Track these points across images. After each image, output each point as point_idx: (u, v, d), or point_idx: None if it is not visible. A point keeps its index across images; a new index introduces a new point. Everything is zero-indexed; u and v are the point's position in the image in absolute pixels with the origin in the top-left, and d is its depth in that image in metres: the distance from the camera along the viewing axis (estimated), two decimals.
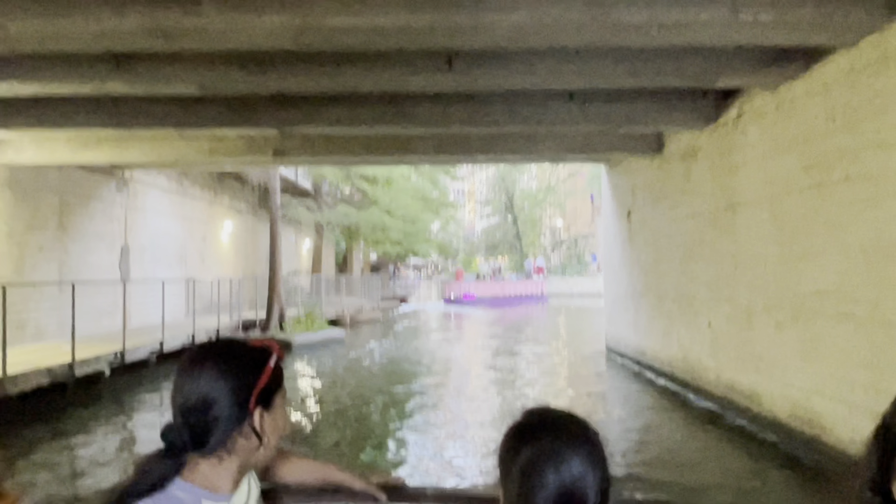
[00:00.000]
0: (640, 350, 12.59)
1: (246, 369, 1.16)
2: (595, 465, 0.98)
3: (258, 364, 1.18)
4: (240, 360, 1.17)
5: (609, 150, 11.15)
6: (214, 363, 1.15)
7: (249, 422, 1.15)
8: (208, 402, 1.12)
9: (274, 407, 1.20)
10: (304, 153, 11.11)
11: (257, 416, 1.15)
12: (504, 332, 21.71)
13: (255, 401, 1.15)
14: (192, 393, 1.12)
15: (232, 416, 1.13)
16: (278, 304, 17.47)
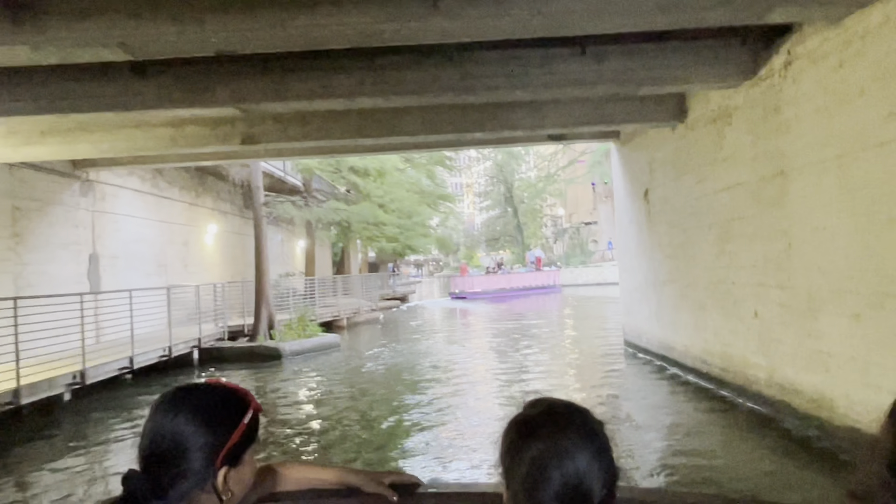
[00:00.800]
0: (665, 345, 11.17)
1: (219, 425, 1.12)
2: (600, 458, 0.97)
3: (232, 420, 1.14)
4: (214, 414, 1.12)
5: (624, 120, 9.70)
6: (186, 414, 1.10)
7: (212, 480, 1.10)
8: (175, 455, 1.08)
9: (242, 463, 1.15)
10: (277, 138, 9.67)
11: (221, 475, 1.11)
12: (512, 328, 20.29)
13: (221, 460, 1.11)
14: (160, 443, 1.09)
15: (197, 473, 1.09)
16: (266, 310, 16.05)
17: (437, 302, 36.92)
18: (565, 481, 0.94)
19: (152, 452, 1.09)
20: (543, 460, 0.95)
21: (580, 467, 0.95)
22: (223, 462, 1.11)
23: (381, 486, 1.41)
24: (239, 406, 1.16)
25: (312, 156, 13.56)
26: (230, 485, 1.13)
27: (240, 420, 1.14)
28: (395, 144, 12.39)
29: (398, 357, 14.80)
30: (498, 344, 16.76)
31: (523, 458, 0.97)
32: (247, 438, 1.16)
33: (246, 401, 1.18)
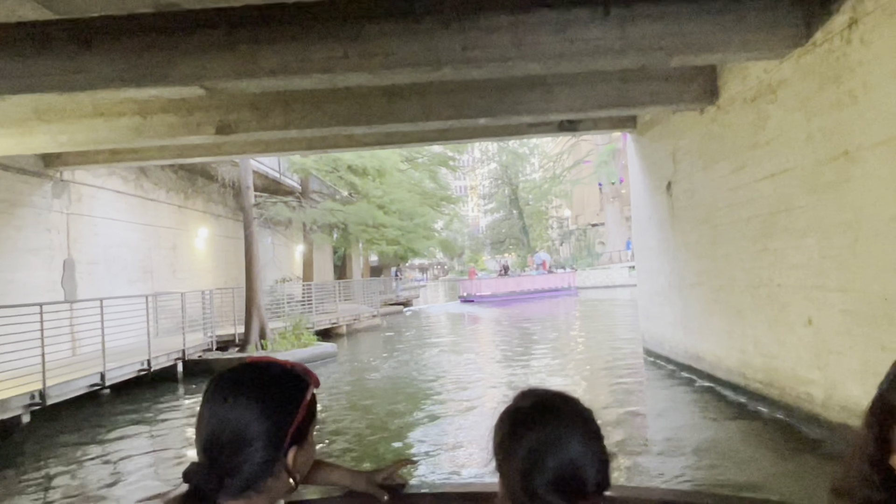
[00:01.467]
0: (692, 354, 9.99)
1: (282, 406, 1.06)
2: (592, 444, 0.99)
3: (295, 399, 1.08)
4: (275, 395, 1.06)
5: (647, 102, 8.54)
6: (247, 398, 1.03)
7: (283, 463, 1.05)
8: (240, 443, 1.02)
9: (308, 441, 1.11)
10: (256, 127, 8.55)
11: (291, 455, 1.06)
12: (521, 335, 19.12)
13: (289, 441, 1.06)
14: (222, 431, 1.01)
15: (266, 458, 1.03)
16: (258, 318, 14.94)
17: (442, 306, 35.75)
18: (560, 469, 0.96)
19: (213, 443, 1.02)
20: (538, 450, 0.97)
21: (574, 455, 0.97)
22: (291, 442, 1.06)
23: (371, 486, 1.46)
24: (299, 383, 1.10)
25: (300, 151, 12.43)
26: (298, 464, 1.08)
27: (302, 398, 1.09)
28: (391, 135, 11.28)
29: (399, 369, 13.65)
30: (505, 353, 15.59)
31: (518, 449, 0.99)
32: (310, 415, 1.11)
33: (305, 378, 1.12)
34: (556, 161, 51.67)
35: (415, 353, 15.77)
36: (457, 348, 16.93)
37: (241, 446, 1.02)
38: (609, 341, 16.03)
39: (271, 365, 1.12)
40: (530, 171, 62.77)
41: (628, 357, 12.97)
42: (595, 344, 16.02)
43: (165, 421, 10.08)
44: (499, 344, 17.70)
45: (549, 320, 23.41)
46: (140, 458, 8.23)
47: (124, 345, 12.03)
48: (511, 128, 11.70)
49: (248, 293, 15.00)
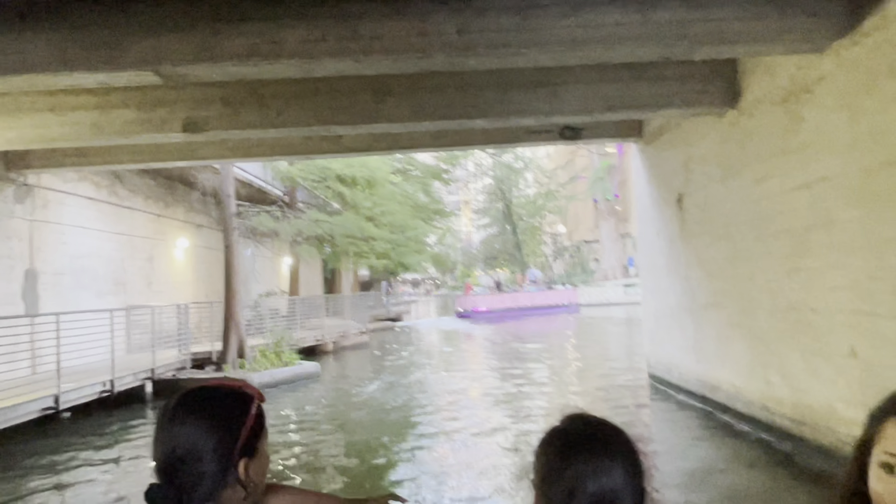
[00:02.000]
0: (706, 383, 9.10)
1: (229, 422, 1.14)
2: (634, 477, 1.01)
3: (240, 414, 1.16)
4: (221, 412, 1.14)
5: (661, 105, 7.69)
6: (196, 417, 1.12)
7: (235, 474, 1.12)
8: (193, 459, 1.10)
9: (259, 453, 1.18)
10: (228, 125, 7.66)
11: (242, 466, 1.13)
12: (516, 355, 18.18)
13: (238, 453, 1.13)
14: (175, 450, 1.10)
15: (218, 471, 1.11)
16: (237, 334, 13.97)
17: (433, 322, 34.78)
18: (600, 495, 0.99)
19: (168, 462, 1.10)
20: (583, 474, 0.99)
21: (616, 484, 0.99)
22: (241, 454, 1.12)
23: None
24: (244, 400, 1.17)
25: (283, 156, 11.54)
26: (251, 475, 1.14)
27: (247, 413, 1.16)
28: (380, 138, 10.45)
29: (386, 392, 12.68)
30: (498, 377, 14.64)
31: (565, 470, 1.01)
32: (258, 428, 1.18)
33: (248, 394, 1.19)
34: (550, 176, 50.99)
35: (403, 374, 14.80)
36: (448, 369, 15.97)
37: (194, 462, 1.09)
38: (609, 364, 15.11)
39: (217, 386, 1.19)
40: (524, 187, 62.10)
41: (631, 383, 12.05)
42: (594, 366, 15.09)
43: (127, 447, 9.09)
44: (492, 366, 16.75)
45: (546, 339, 22.48)
46: (87, 487, 7.25)
47: (91, 363, 11.06)
48: (509, 133, 10.89)
49: (227, 308, 14.04)
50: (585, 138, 11.18)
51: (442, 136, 10.87)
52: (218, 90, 7.53)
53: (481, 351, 20.30)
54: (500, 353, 18.82)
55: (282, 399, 11.93)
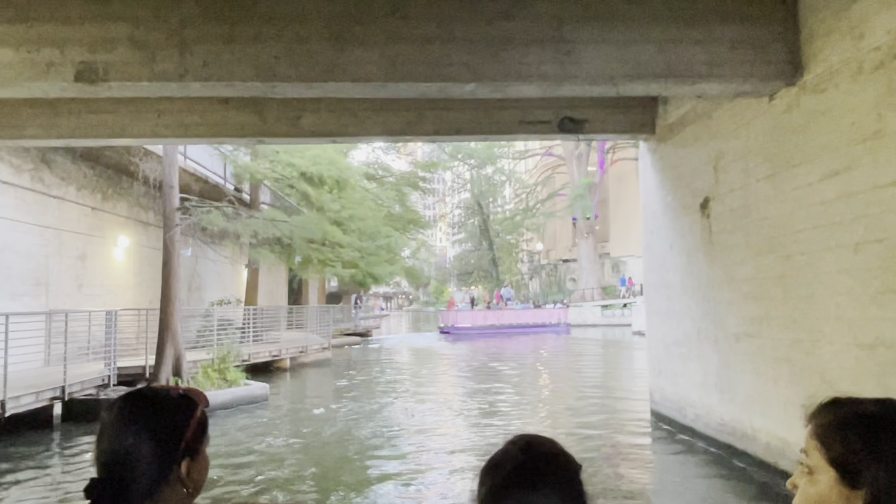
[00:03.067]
0: (734, 430, 7.32)
1: (173, 423, 1.16)
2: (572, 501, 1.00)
3: (184, 416, 1.18)
4: (166, 413, 1.16)
5: (702, 75, 5.94)
6: (140, 417, 1.14)
7: (177, 473, 1.14)
8: (136, 457, 1.11)
9: (200, 455, 1.20)
10: (138, 75, 5.73)
11: (184, 467, 1.15)
12: (497, 380, 16.30)
13: (181, 454, 1.15)
14: (120, 448, 1.11)
15: (159, 470, 1.12)
16: (173, 348, 11.92)
17: (405, 339, 32.78)
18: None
19: (112, 459, 1.11)
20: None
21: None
22: (183, 455, 1.15)
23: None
24: (188, 403, 1.20)
25: (226, 138, 9.59)
26: (193, 476, 1.16)
27: (191, 415, 1.18)
28: (343, 122, 8.62)
29: (343, 422, 10.71)
30: (475, 409, 12.73)
31: (503, 501, 0.99)
32: (201, 431, 1.20)
33: (193, 398, 1.22)
34: (530, 192, 49.48)
35: (364, 400, 12.82)
36: (417, 395, 14.02)
37: (137, 460, 1.10)
38: (599, 394, 13.30)
39: (159, 389, 1.22)
40: (502, 203, 60.59)
41: (629, 422, 10.25)
42: (580, 395, 13.27)
43: (19, 486, 7.04)
44: (469, 392, 14.83)
45: (529, 361, 20.65)
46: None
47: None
48: (501, 123, 9.18)
49: (163, 316, 11.99)
50: (588, 132, 9.49)
51: (420, 122, 9.12)
52: (126, 26, 5.62)
53: (454, 374, 18.38)
54: (477, 377, 16.92)
55: (214, 428, 9.89)
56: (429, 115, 9.20)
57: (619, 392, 13.40)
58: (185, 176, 15.87)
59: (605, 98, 9.20)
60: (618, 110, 9.41)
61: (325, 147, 16.04)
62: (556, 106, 9.21)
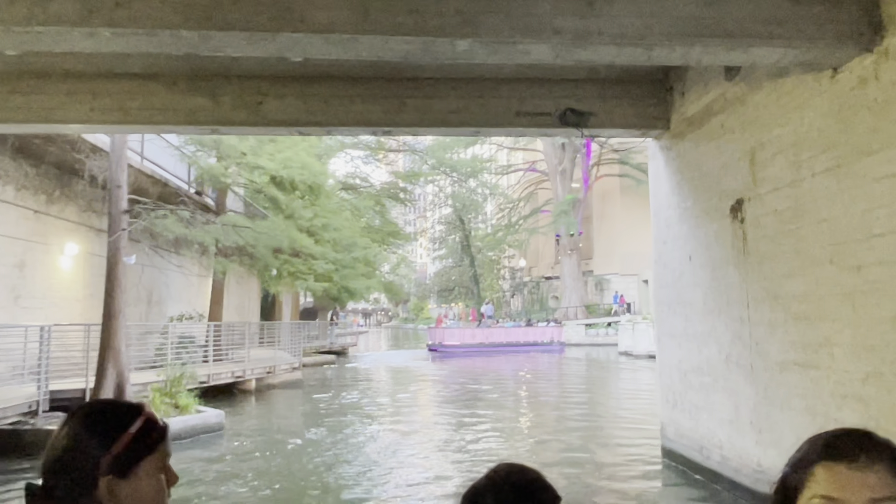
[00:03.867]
0: (771, 473, 5.96)
1: (101, 435, 1.07)
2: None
3: (116, 429, 1.08)
4: (97, 424, 1.08)
5: (760, 36, 4.68)
6: (74, 425, 1.08)
7: (95, 492, 1.05)
8: (65, 465, 1.06)
9: (135, 476, 1.08)
10: (24, 18, 4.33)
11: (103, 484, 1.05)
12: (488, 405, 14.87)
13: (104, 469, 1.05)
14: (51, 454, 1.07)
15: (83, 482, 1.05)
16: (115, 368, 10.38)
17: (383, 357, 31.21)
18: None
19: (45, 464, 1.08)
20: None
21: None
22: (107, 471, 1.06)
23: None
24: (125, 415, 1.11)
25: (172, 126, 8.20)
26: (120, 497, 1.07)
27: (124, 429, 1.09)
28: (311, 107, 7.31)
29: (306, 458, 9.22)
30: (459, 437, 11.28)
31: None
32: (137, 448, 1.09)
33: (135, 410, 1.12)
34: (513, 207, 48.31)
35: (337, 431, 11.32)
36: (395, 424, 12.54)
37: (66, 467, 1.05)
38: (598, 425, 11.92)
39: (107, 399, 1.19)
40: (484, 219, 59.40)
41: (635, 461, 8.87)
42: (576, 426, 11.89)
43: None
44: (451, 422, 13.38)
45: (518, 384, 19.25)
46: None
47: None
48: (495, 115, 7.92)
49: (105, 333, 10.45)
50: (593, 126, 8.24)
51: (400, 111, 7.86)
52: None
53: (435, 399, 16.92)
54: (459, 401, 15.47)
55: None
56: (410, 102, 7.93)
57: (620, 423, 12.04)
58: (141, 178, 14.36)
59: (612, 86, 8.02)
60: (626, 101, 8.20)
61: (298, 149, 14.64)
62: (557, 95, 7.99)
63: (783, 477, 0.99)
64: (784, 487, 0.97)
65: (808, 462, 0.96)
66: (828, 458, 0.94)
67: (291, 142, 15.00)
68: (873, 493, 0.89)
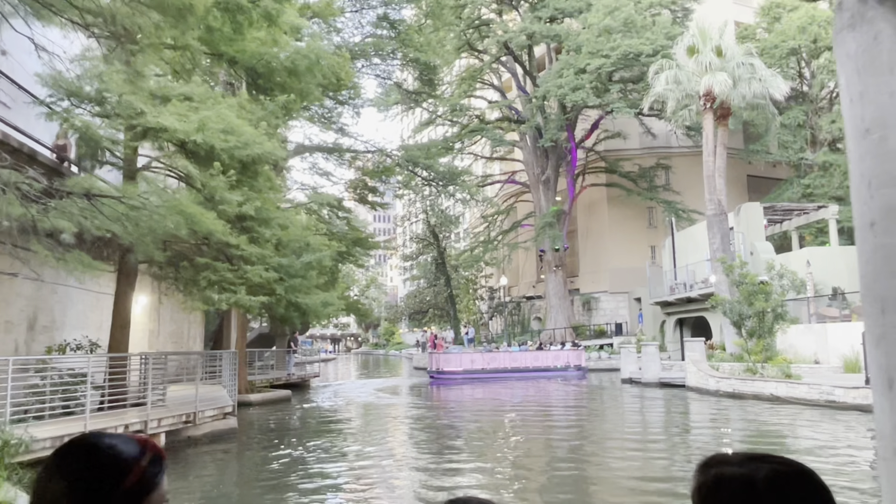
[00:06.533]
0: None
1: (99, 479, 0.94)
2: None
3: (111, 477, 0.94)
4: (90, 468, 0.95)
5: None
6: (59, 478, 0.94)
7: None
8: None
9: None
10: None
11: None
12: (501, 464, 10.32)
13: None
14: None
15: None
16: None
17: (351, 389, 26.40)
18: None
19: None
20: None
21: None
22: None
23: None
24: (120, 461, 0.97)
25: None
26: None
27: (124, 476, 0.96)
28: None
29: None
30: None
31: None
32: (141, 490, 0.96)
33: (130, 453, 0.98)
34: (491, 222, 44.10)
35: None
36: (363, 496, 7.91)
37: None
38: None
39: (100, 443, 0.99)
40: (457, 237, 55.19)
41: None
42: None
43: None
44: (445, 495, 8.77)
45: (550, 431, 14.72)
46: None
47: None
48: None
49: None
50: None
51: None
52: None
53: (425, 460, 12.32)
54: (456, 467, 10.88)
55: None
56: None
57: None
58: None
59: None
60: None
61: (220, 107, 10.13)
62: None
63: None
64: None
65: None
66: None
67: (215, 100, 10.52)
68: None
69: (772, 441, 11.68)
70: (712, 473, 0.91)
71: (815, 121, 35.19)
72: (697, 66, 24.00)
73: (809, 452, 10.02)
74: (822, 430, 12.46)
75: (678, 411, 16.97)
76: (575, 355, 29.79)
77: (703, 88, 23.60)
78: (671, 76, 24.38)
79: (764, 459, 0.90)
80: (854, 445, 10.70)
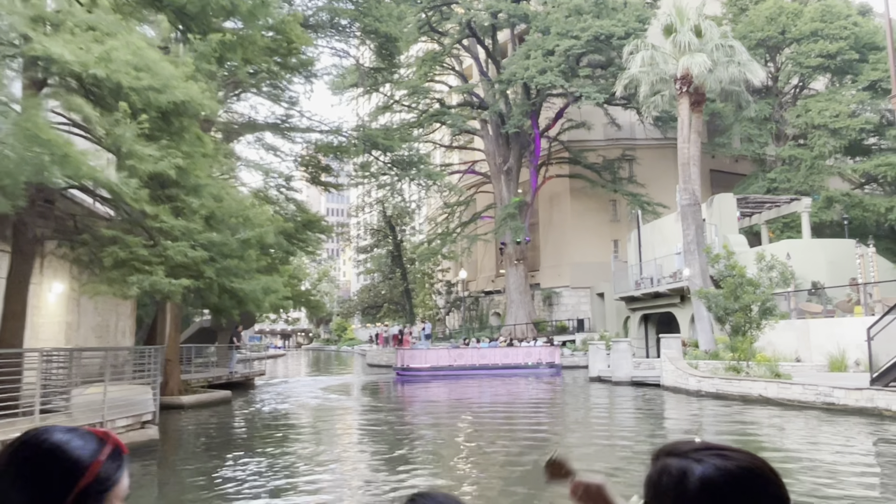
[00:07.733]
0: None
1: (52, 485, 0.88)
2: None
3: (71, 475, 0.88)
4: (46, 473, 0.88)
5: None
6: (13, 478, 0.88)
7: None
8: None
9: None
10: None
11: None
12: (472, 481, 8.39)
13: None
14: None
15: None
16: None
17: (298, 387, 24.16)
18: None
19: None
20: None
21: None
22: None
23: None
24: (78, 458, 0.90)
25: None
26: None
27: (81, 473, 0.89)
28: None
29: None
30: None
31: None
32: (99, 487, 0.90)
33: (88, 449, 0.91)
34: (450, 213, 42.22)
35: None
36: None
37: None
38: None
39: (53, 446, 0.90)
40: (413, 229, 53.11)
41: None
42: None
43: None
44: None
45: (527, 434, 12.83)
46: None
47: None
48: None
49: None
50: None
51: None
52: None
53: (384, 474, 10.31)
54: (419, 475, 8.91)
55: None
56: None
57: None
58: None
59: None
60: None
61: (130, 34, 7.90)
62: None
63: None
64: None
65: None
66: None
67: (129, 31, 8.26)
68: None
69: (799, 456, 10.07)
70: (659, 463, 0.88)
71: (781, 114, 34.48)
72: (674, 46, 22.56)
73: (840, 470, 8.38)
74: (838, 439, 10.94)
75: (672, 416, 15.38)
76: (548, 352, 28.27)
77: (680, 70, 22.16)
78: (647, 57, 22.88)
79: (717, 453, 0.84)
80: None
